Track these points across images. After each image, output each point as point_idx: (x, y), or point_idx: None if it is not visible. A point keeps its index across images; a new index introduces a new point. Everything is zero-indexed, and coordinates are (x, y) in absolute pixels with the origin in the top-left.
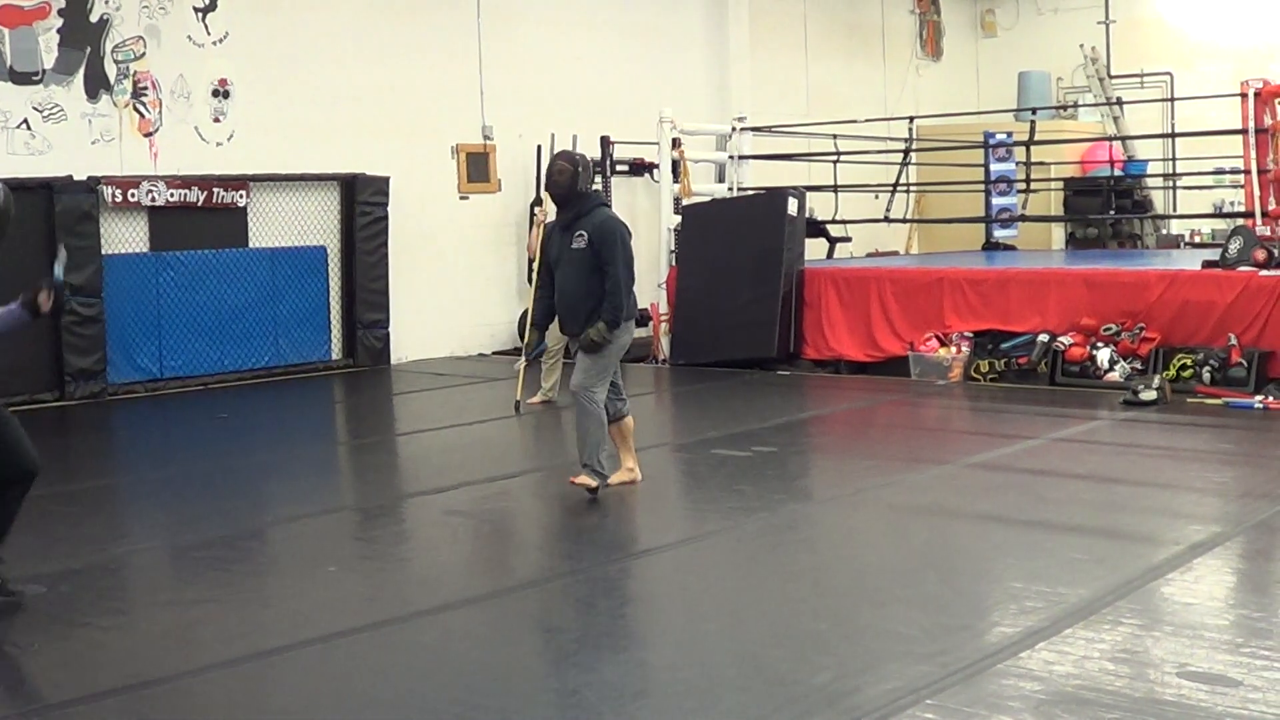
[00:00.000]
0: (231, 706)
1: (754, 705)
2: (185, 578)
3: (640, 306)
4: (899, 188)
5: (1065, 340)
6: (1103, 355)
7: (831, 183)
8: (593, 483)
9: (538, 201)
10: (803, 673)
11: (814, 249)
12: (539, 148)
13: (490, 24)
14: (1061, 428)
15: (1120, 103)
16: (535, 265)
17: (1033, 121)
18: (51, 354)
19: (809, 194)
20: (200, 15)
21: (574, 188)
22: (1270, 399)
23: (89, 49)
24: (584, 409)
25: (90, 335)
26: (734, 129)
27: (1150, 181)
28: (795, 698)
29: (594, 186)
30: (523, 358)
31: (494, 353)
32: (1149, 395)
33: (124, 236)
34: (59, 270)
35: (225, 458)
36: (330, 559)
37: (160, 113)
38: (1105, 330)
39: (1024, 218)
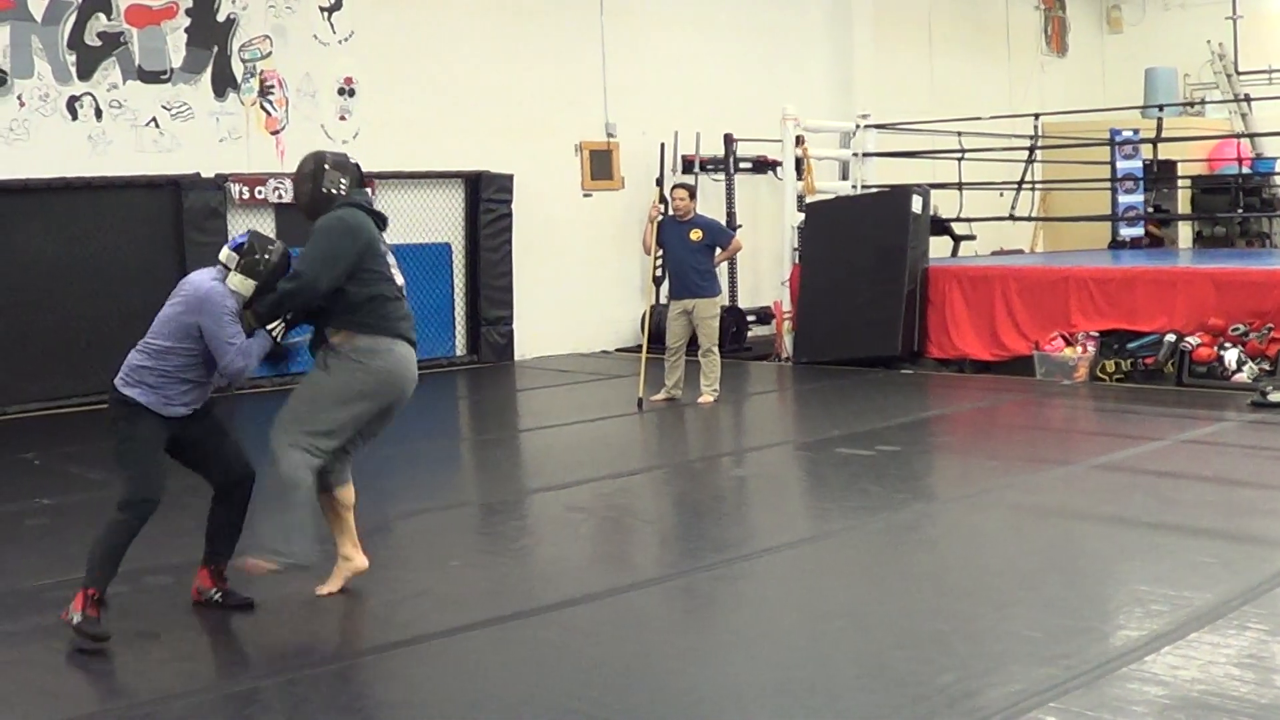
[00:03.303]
0: (352, 699)
1: (875, 705)
2: (309, 571)
3: (763, 304)
4: (1024, 185)
5: (1192, 340)
6: (1230, 356)
7: (956, 180)
8: (270, 567)
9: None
10: (925, 674)
11: (938, 247)
12: (662, 145)
13: (613, 22)
14: (1188, 429)
15: (1248, 99)
16: (653, 259)
17: (1159, 118)
18: None
19: (933, 192)
20: (326, 14)
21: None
22: None
23: (216, 48)
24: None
25: None
26: (858, 126)
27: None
28: (917, 698)
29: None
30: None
31: (617, 350)
32: (1278, 397)
33: None
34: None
35: None
36: (453, 553)
37: (286, 111)
38: (1233, 330)
39: (1150, 216)
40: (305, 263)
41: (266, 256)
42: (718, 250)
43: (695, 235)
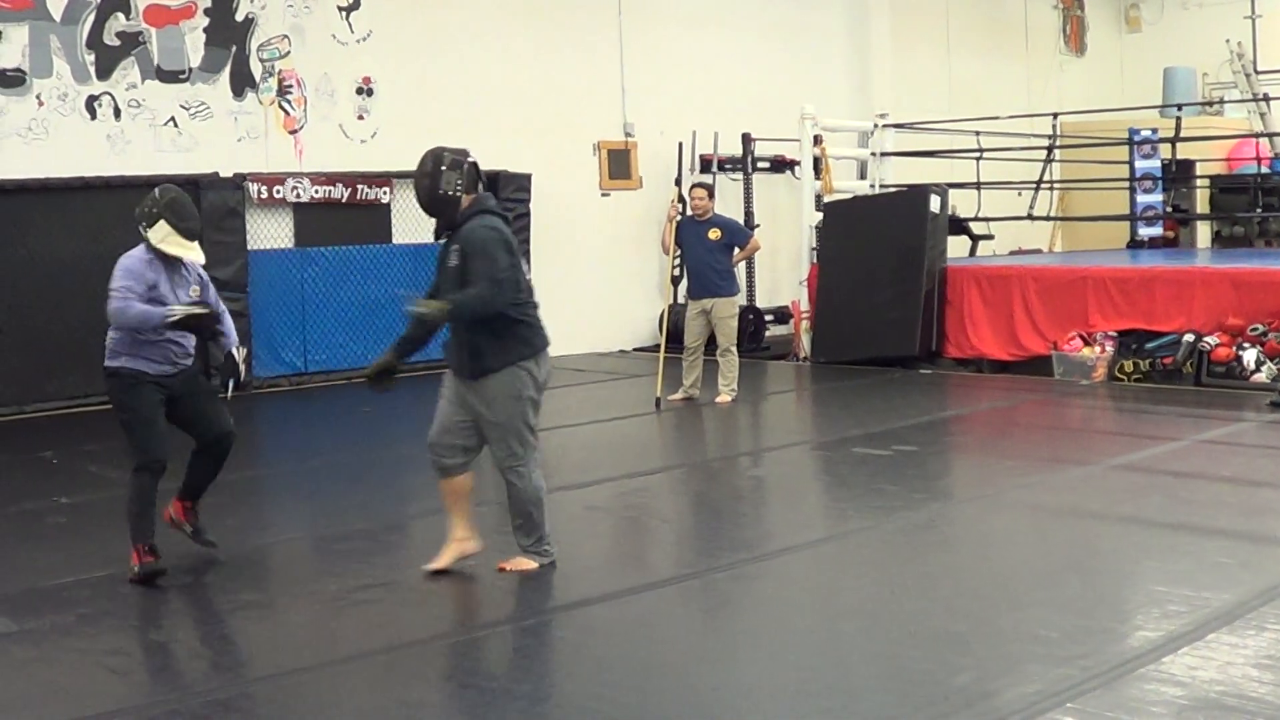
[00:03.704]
0: (370, 697)
1: (892, 705)
2: (327, 569)
3: (781, 304)
4: (1042, 185)
5: (1211, 340)
6: (1249, 356)
7: (974, 180)
8: (533, 566)
9: (680, 197)
10: (942, 674)
11: (956, 247)
12: (680, 145)
13: (631, 22)
14: (1206, 429)
15: (1267, 99)
16: (671, 259)
17: (1178, 118)
18: (197, 348)
19: (951, 191)
20: (344, 14)
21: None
22: None
23: (234, 48)
24: (531, 490)
25: (236, 330)
26: (875, 125)
27: None
28: (934, 699)
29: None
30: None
31: (634, 349)
32: None
33: (269, 232)
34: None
35: (368, 451)
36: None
37: (305, 110)
38: (1252, 330)
39: (1169, 216)
40: (485, 282)
41: (151, 204)
42: (736, 250)
43: (714, 234)
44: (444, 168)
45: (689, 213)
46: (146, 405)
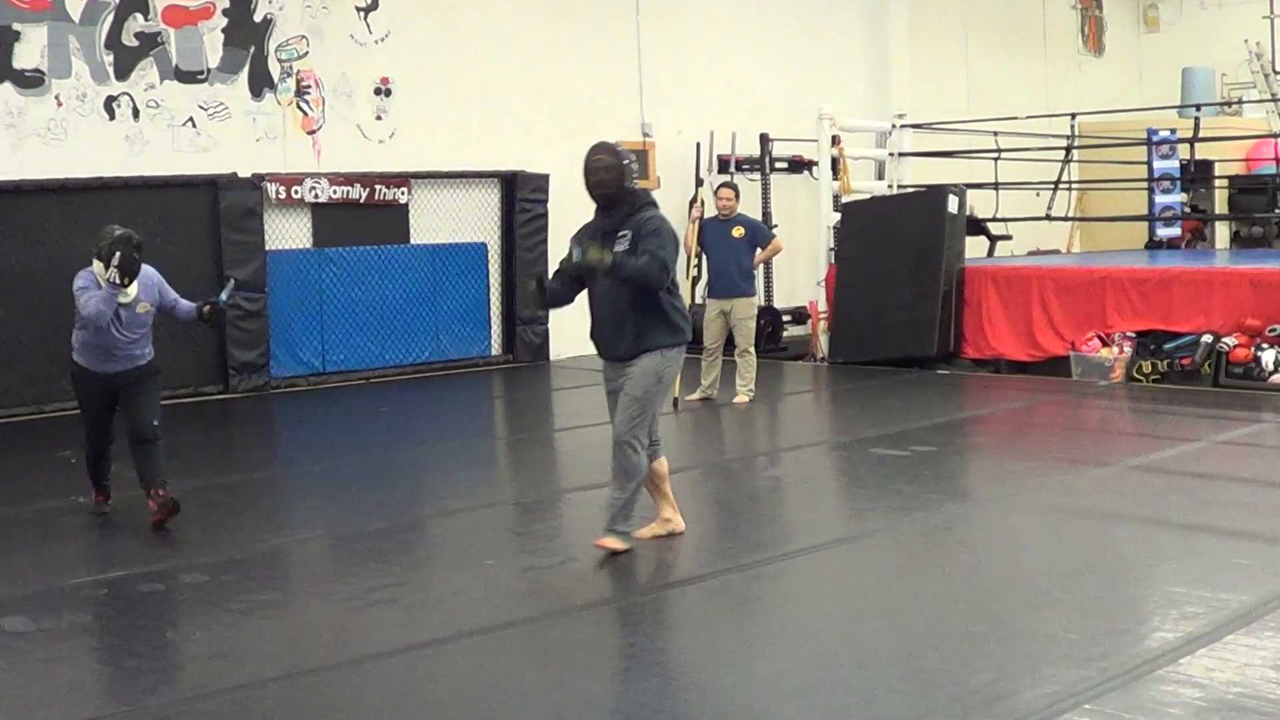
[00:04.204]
0: (387, 697)
1: (911, 706)
2: (344, 569)
3: (799, 304)
4: (1060, 185)
5: (1229, 341)
6: (1268, 357)
7: (992, 180)
8: (621, 546)
9: (699, 200)
10: (960, 674)
11: (974, 247)
12: (698, 145)
13: (649, 22)
14: (1225, 430)
15: None
16: (690, 259)
17: (1197, 118)
18: (216, 348)
19: (969, 191)
20: (362, 14)
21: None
22: None
23: (253, 48)
24: (635, 464)
25: (254, 330)
26: (894, 126)
27: None
28: (952, 699)
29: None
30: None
31: None
32: None
33: (287, 233)
34: (224, 297)
35: (385, 451)
36: (488, 553)
37: (323, 111)
38: (1270, 331)
39: (1188, 216)
40: (653, 260)
41: (103, 242)
42: (757, 250)
43: (738, 232)
44: (625, 161)
45: (715, 212)
46: (92, 398)
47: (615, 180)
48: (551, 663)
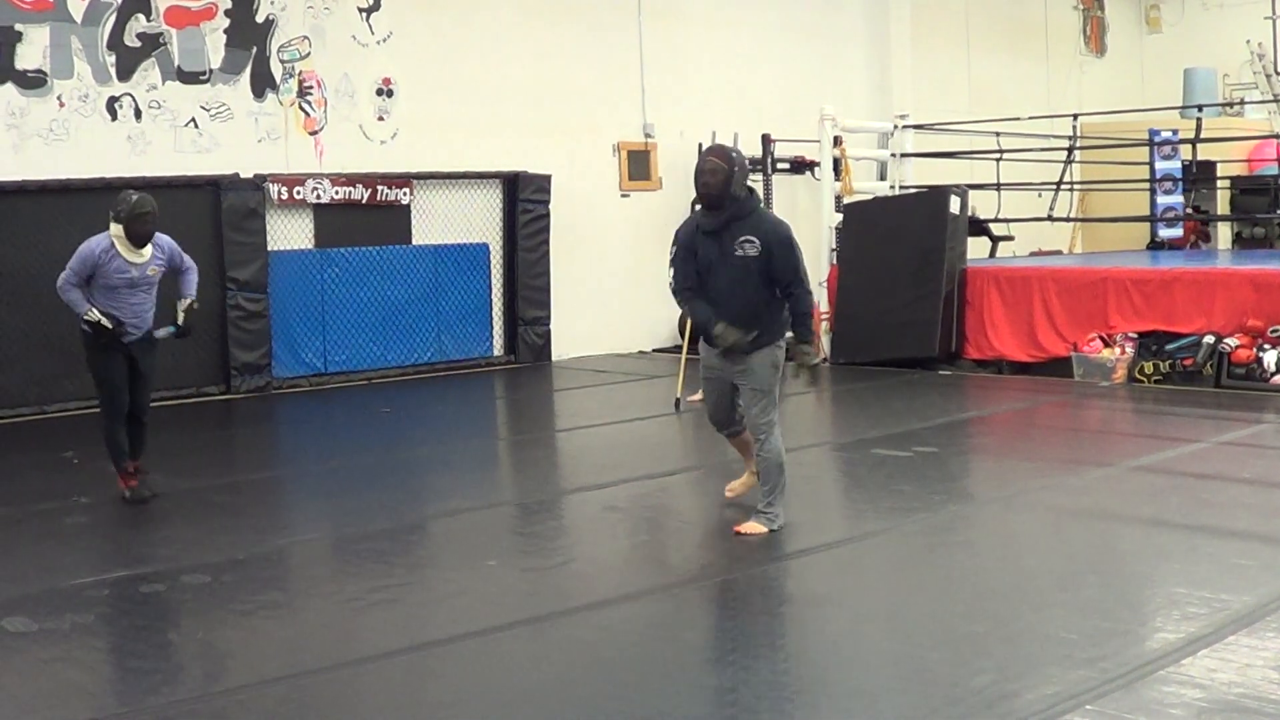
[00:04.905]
0: (389, 698)
1: (912, 707)
2: (346, 569)
3: None
4: (1062, 186)
5: (1231, 342)
6: (1269, 357)
7: (994, 181)
8: (765, 530)
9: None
10: (961, 675)
11: (976, 248)
12: (700, 145)
13: (651, 22)
14: (1226, 431)
15: None
16: None
17: (1199, 119)
18: (218, 348)
19: (971, 192)
20: (364, 15)
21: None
22: None
23: (255, 49)
24: (775, 450)
25: (256, 330)
26: (895, 126)
27: None
28: (953, 700)
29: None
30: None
31: (654, 350)
32: None
33: (289, 233)
34: (162, 334)
35: (387, 452)
36: (490, 553)
37: (325, 111)
38: (1272, 332)
39: (1189, 216)
40: (799, 280)
41: (123, 206)
42: None
43: None
44: (735, 168)
45: None
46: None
47: (721, 184)
48: (553, 663)
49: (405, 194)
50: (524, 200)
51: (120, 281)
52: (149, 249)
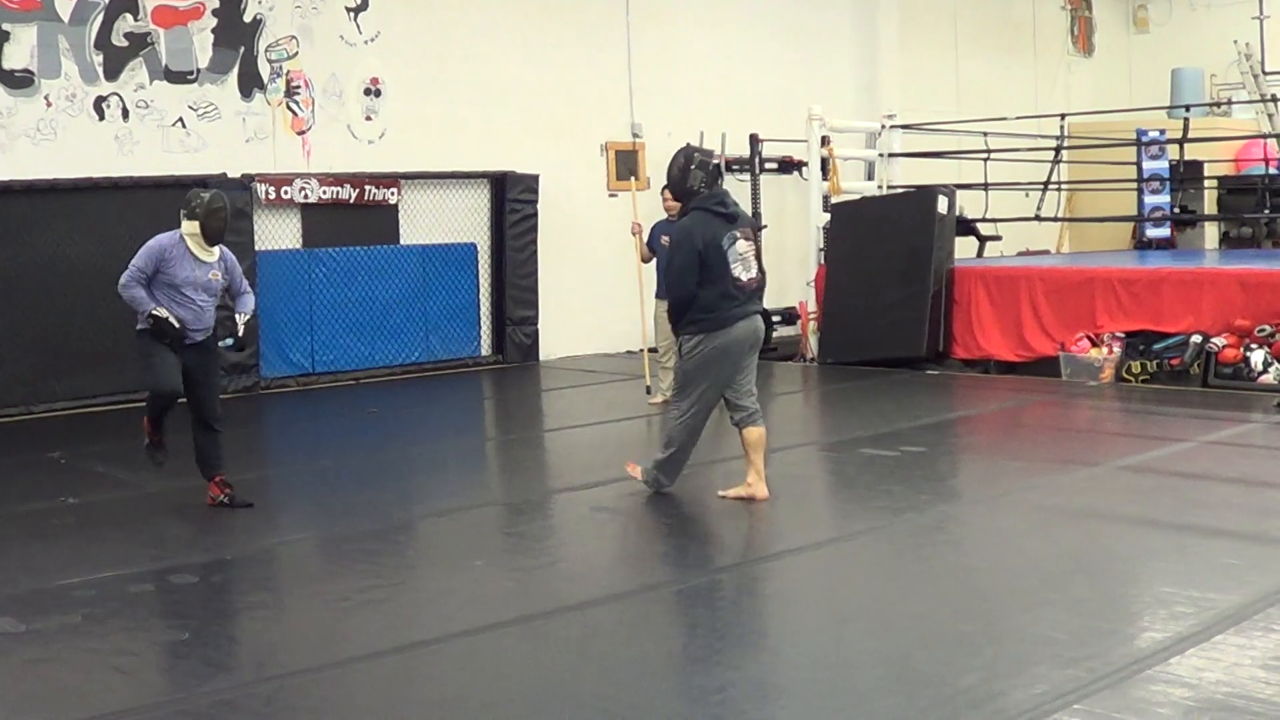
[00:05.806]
0: (377, 698)
1: (900, 706)
2: (334, 570)
3: (788, 305)
4: (1050, 186)
5: (1218, 342)
6: (1256, 357)
7: (982, 181)
8: (637, 477)
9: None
10: (949, 675)
11: (964, 247)
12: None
13: (639, 22)
14: (1214, 431)
15: (1275, 99)
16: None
17: (1186, 119)
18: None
19: (959, 192)
20: (352, 15)
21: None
22: None
23: (242, 48)
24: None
25: (243, 331)
26: (883, 126)
27: None
28: (941, 700)
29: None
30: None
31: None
32: None
33: (277, 233)
34: (223, 344)
35: (375, 452)
36: (477, 553)
37: (313, 111)
38: (1259, 332)
39: (1177, 217)
40: (674, 266)
41: (197, 203)
42: None
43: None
44: (692, 166)
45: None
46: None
47: (675, 179)
48: (541, 663)
49: (393, 194)
50: (512, 200)
51: (185, 280)
52: (218, 248)
